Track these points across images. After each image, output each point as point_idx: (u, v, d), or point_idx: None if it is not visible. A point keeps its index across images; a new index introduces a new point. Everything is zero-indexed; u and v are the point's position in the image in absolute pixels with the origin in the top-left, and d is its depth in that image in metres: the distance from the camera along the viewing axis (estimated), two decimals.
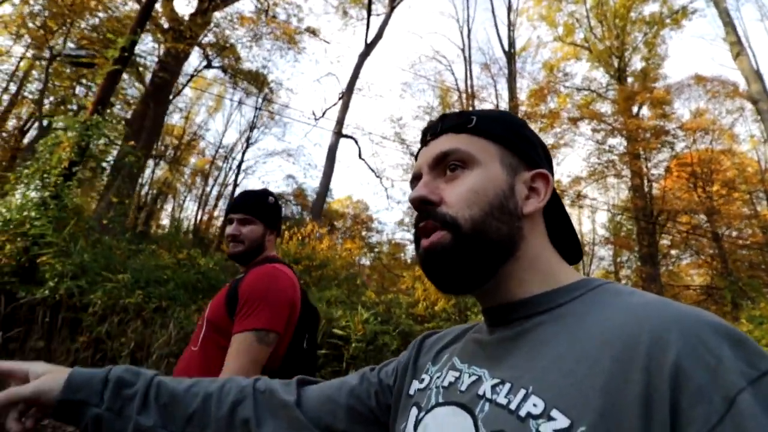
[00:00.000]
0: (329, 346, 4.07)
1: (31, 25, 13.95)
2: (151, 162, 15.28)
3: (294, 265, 6.88)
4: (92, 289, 3.68)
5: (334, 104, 15.01)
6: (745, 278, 10.88)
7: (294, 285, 1.33)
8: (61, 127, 4.25)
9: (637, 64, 16.25)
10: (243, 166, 18.44)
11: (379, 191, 20.72)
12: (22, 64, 15.31)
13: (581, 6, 16.77)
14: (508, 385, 0.43)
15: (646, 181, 13.81)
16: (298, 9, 14.02)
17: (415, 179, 0.58)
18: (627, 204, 16.18)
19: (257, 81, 15.32)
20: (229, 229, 1.43)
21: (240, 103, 18.18)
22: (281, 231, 1.57)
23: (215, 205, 19.98)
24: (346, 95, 11.16)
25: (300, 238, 7.11)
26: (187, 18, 10.04)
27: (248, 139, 16.84)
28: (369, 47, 11.44)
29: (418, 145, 0.61)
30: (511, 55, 15.46)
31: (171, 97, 11.76)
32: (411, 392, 0.58)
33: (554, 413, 0.37)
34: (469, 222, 0.49)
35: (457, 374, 0.52)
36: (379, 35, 11.61)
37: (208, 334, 1.27)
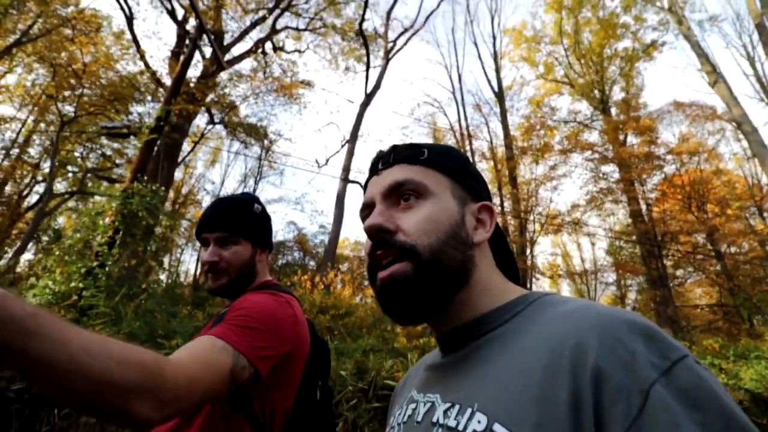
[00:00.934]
0: (379, 399, 4.00)
1: (34, 92, 14.42)
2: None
3: (321, 315, 6.84)
4: None
5: (337, 152, 15.51)
6: (758, 294, 10.97)
7: (300, 318, 1.01)
8: (103, 194, 4.35)
9: (617, 95, 17.24)
10: None
11: None
12: (23, 129, 15.66)
13: (558, 46, 18.00)
14: (457, 407, 0.44)
15: (644, 206, 14.20)
16: (293, 64, 14.75)
17: (367, 208, 0.58)
18: (626, 228, 16.51)
19: (257, 133, 15.81)
20: (204, 255, 1.05)
21: (237, 153, 18.61)
22: (273, 247, 1.22)
23: None
24: (351, 143, 11.54)
25: (324, 286, 7.10)
26: (194, 80, 10.51)
27: (254, 189, 17.06)
28: (369, 97, 12.00)
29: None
30: (501, 96, 16.28)
31: (182, 157, 12.03)
32: None
33: (496, 427, 0.38)
34: (428, 250, 0.49)
35: (414, 405, 0.52)
36: (377, 85, 12.23)
37: None
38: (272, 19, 12.31)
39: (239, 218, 1.08)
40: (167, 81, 11.15)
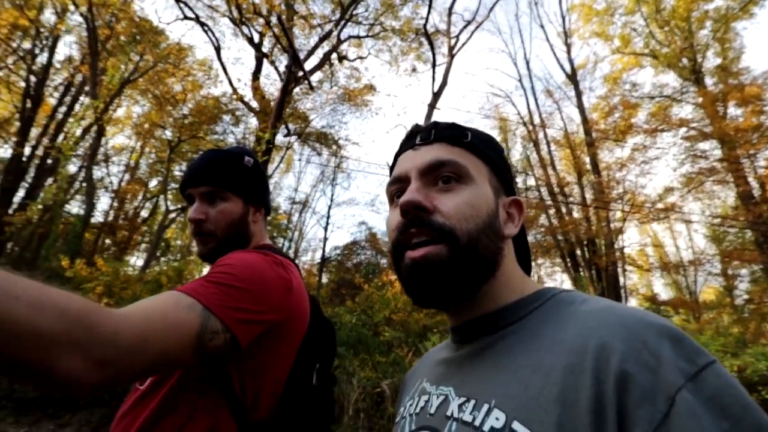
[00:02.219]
0: None
1: (140, 121, 16.54)
2: None
3: (416, 314, 7.08)
4: None
5: None
6: None
7: (297, 284, 0.87)
8: None
9: (712, 61, 15.33)
10: (313, 220, 19.62)
11: None
12: (133, 154, 18.09)
13: (635, 15, 16.42)
14: (473, 402, 0.43)
15: (757, 185, 12.52)
16: (356, 71, 15.24)
17: (397, 182, 0.55)
18: (733, 212, 14.66)
19: (328, 141, 16.62)
20: (190, 213, 0.95)
21: (308, 162, 19.66)
22: (270, 208, 1.10)
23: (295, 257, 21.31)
24: None
25: None
26: (275, 96, 11.33)
27: (332, 196, 18.00)
28: (436, 96, 12.00)
29: None
30: (574, 77, 15.33)
31: (272, 171, 13.07)
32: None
33: (515, 425, 0.37)
34: (466, 236, 0.48)
35: (426, 397, 0.52)
36: (444, 83, 12.19)
37: None
38: (337, 31, 12.83)
39: (227, 171, 0.96)
40: (252, 101, 12.18)
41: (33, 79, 12.05)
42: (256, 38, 12.13)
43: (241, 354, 0.72)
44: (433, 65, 11.87)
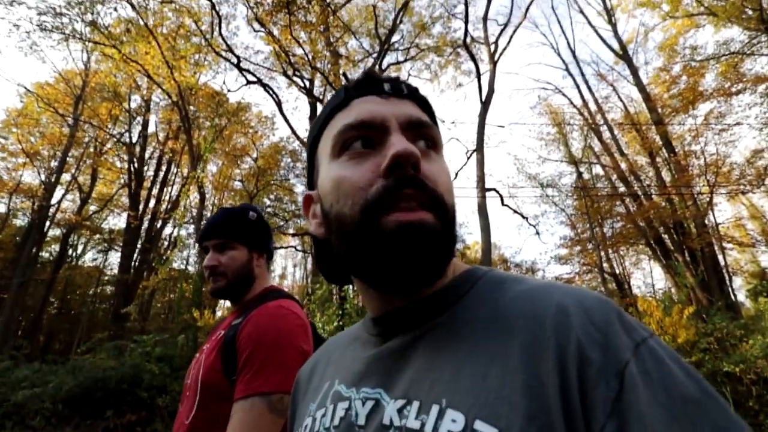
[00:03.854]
0: None
1: (215, 177, 18.48)
2: None
3: None
4: None
5: (464, 165, 16.05)
6: None
7: (305, 326, 1.05)
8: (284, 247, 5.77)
9: None
10: None
11: (521, 229, 20.20)
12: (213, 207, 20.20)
13: None
14: (415, 404, 0.37)
15: None
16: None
17: (365, 127, 0.44)
18: None
19: None
20: (206, 261, 1.17)
21: None
22: (273, 253, 1.31)
23: None
24: (478, 153, 11.86)
25: None
26: None
27: None
28: (485, 105, 12.19)
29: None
30: (626, 54, 14.72)
31: None
32: None
33: (478, 425, 0.32)
34: (451, 209, 0.43)
35: (345, 404, 0.44)
36: (491, 91, 12.36)
37: (203, 402, 0.97)
38: (378, 62, 13.60)
39: (234, 225, 1.18)
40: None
41: (131, 158, 14.09)
42: (307, 84, 13.23)
43: None
44: (478, 76, 12.11)
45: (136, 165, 13.84)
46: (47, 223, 15.29)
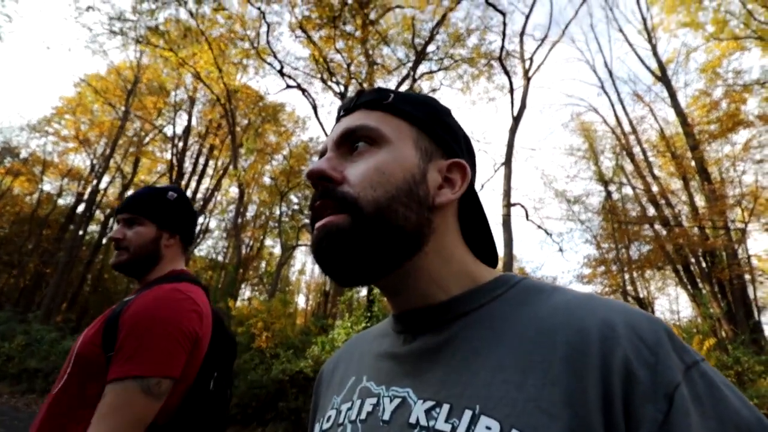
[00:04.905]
0: None
1: (248, 173, 19.23)
2: None
3: None
4: None
5: (491, 177, 16.28)
6: None
7: (198, 311, 1.01)
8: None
9: None
10: None
11: (543, 245, 20.08)
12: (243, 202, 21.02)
13: None
14: (446, 407, 0.37)
15: None
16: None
17: (320, 156, 0.51)
18: None
19: None
20: (111, 233, 1.16)
21: None
22: (193, 238, 1.28)
23: None
24: (506, 166, 11.99)
25: None
26: None
27: None
28: (516, 120, 12.31)
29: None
30: (664, 76, 14.50)
31: None
32: None
33: None
34: (371, 204, 0.43)
35: (374, 400, 0.44)
36: (522, 106, 12.46)
37: (73, 374, 0.92)
38: (413, 72, 13.91)
39: (147, 202, 1.16)
40: None
41: (173, 150, 14.92)
42: (342, 90, 13.68)
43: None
44: (511, 91, 12.26)
45: (177, 156, 14.71)
46: (92, 207, 16.35)
